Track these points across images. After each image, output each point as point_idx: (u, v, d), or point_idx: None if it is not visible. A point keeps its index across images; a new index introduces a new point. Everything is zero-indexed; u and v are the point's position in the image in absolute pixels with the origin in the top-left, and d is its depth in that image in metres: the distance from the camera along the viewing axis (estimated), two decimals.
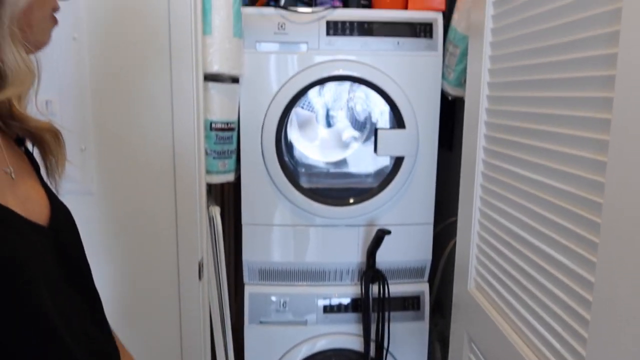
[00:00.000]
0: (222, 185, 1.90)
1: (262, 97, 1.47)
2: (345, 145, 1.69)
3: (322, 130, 1.68)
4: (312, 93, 1.60)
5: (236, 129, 1.48)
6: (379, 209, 1.55)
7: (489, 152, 1.13)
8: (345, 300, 1.60)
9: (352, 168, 1.69)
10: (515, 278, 0.98)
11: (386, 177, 1.55)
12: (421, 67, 1.49)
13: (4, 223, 0.51)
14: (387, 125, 1.59)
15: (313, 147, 1.67)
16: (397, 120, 1.51)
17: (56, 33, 0.65)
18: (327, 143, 1.68)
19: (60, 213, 0.64)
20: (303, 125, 1.67)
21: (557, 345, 0.82)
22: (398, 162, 1.53)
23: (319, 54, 1.46)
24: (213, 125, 1.41)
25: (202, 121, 1.35)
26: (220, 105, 1.42)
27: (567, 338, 0.79)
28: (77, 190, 1.33)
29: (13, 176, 0.59)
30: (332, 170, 1.69)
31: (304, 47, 1.46)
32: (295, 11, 1.45)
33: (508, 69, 1.04)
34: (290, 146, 1.65)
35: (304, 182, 1.58)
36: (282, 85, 1.46)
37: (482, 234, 1.16)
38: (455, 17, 1.42)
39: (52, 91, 1.28)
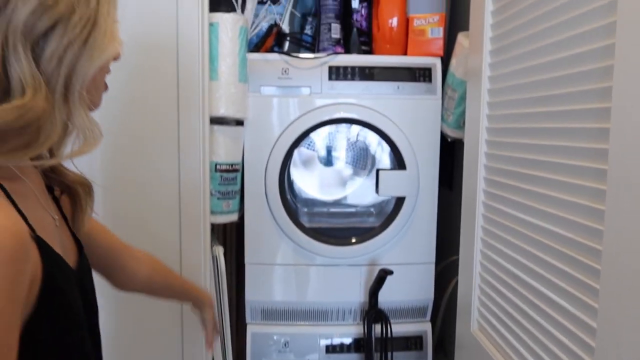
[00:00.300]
0: (225, 224, 1.92)
1: (265, 139, 1.50)
2: (346, 184, 1.72)
3: (323, 170, 1.71)
4: (315, 134, 1.64)
5: (240, 170, 1.51)
6: (380, 249, 1.56)
7: (489, 194, 1.15)
8: (348, 340, 1.60)
9: (354, 207, 1.71)
10: (517, 320, 0.99)
11: (388, 217, 1.57)
12: (421, 110, 1.53)
13: (56, 264, 0.59)
14: (388, 165, 1.63)
15: (315, 186, 1.70)
16: (398, 161, 1.54)
17: None
18: (328, 182, 1.71)
19: (84, 258, 0.71)
20: (305, 164, 1.70)
21: None
22: (399, 202, 1.55)
23: (321, 97, 1.50)
24: (218, 167, 1.43)
25: (208, 163, 1.38)
26: (225, 147, 1.45)
27: None
28: None
29: (57, 224, 0.66)
30: (334, 209, 1.71)
31: (306, 90, 1.51)
32: (298, 57, 1.50)
33: (506, 116, 1.07)
34: (292, 186, 1.67)
35: (306, 222, 1.60)
36: (286, 128, 1.50)
37: (483, 275, 1.17)
38: (453, 62, 1.47)
39: None
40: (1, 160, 0.54)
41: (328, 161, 1.73)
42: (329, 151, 1.72)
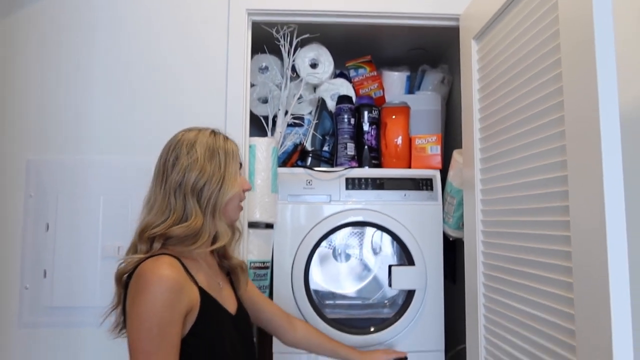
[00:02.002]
0: None
1: (292, 240, 1.72)
2: (362, 278, 1.91)
3: (342, 266, 1.90)
4: (335, 235, 1.86)
5: (270, 267, 1.71)
6: (395, 337, 1.71)
7: (488, 287, 1.34)
8: None
9: (369, 299, 1.88)
10: None
11: (400, 308, 1.74)
12: (425, 214, 1.76)
13: (212, 304, 1.02)
14: (397, 261, 1.83)
15: (333, 281, 1.88)
16: (407, 258, 1.74)
17: (131, 193, 1.35)
18: (347, 277, 1.90)
19: (242, 309, 1.14)
20: (324, 262, 1.90)
21: None
22: (410, 294, 1.73)
23: (340, 204, 1.74)
24: (252, 264, 1.64)
25: (247, 260, 1.59)
26: (257, 247, 1.66)
27: None
28: None
29: (221, 286, 1.11)
30: (352, 302, 1.88)
31: (327, 198, 1.75)
32: (320, 171, 1.77)
33: (497, 222, 1.30)
34: (311, 280, 1.85)
35: (328, 313, 1.76)
36: (310, 230, 1.72)
37: (488, 358, 1.33)
38: (451, 174, 1.73)
39: (124, 239, 1.52)
40: (185, 249, 1.02)
41: (344, 258, 1.93)
42: (345, 250, 1.93)
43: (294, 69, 1.88)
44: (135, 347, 0.91)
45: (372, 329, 1.71)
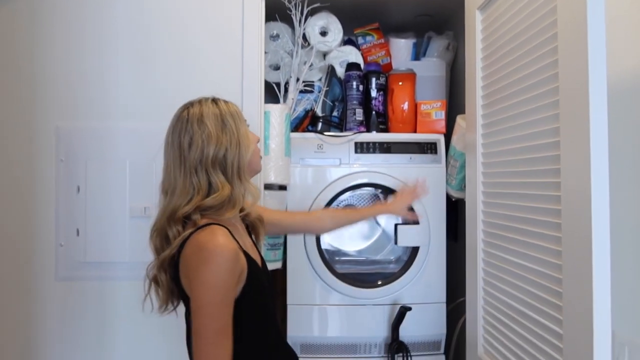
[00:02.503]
0: (272, 270, 2.22)
1: (304, 200, 1.83)
2: (370, 237, 2.03)
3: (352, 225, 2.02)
4: (344, 195, 1.97)
5: None
6: (400, 290, 1.85)
7: (487, 243, 1.45)
8: None
9: (376, 255, 2.01)
10: (515, 342, 1.26)
11: (405, 264, 1.87)
12: (429, 176, 1.85)
13: (254, 265, 1.10)
14: (402, 221, 1.94)
15: (345, 240, 2.01)
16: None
17: (154, 158, 1.30)
18: (355, 235, 2.02)
19: (264, 263, 1.23)
20: None
21: None
22: (414, 251, 1.85)
23: (349, 167, 1.84)
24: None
25: None
26: (272, 207, 1.77)
27: None
28: None
29: (251, 244, 1.20)
30: (361, 257, 2.01)
31: (337, 161, 1.85)
32: (330, 135, 1.86)
33: (497, 183, 1.39)
34: (325, 240, 1.98)
35: (339, 268, 1.89)
36: (321, 191, 1.83)
37: (486, 308, 1.45)
38: (454, 138, 1.82)
39: (150, 200, 1.64)
40: (226, 216, 1.08)
41: None
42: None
43: (304, 37, 1.94)
44: (202, 312, 1.00)
45: (379, 283, 1.85)
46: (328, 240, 1.99)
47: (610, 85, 0.91)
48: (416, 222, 1.74)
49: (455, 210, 2.04)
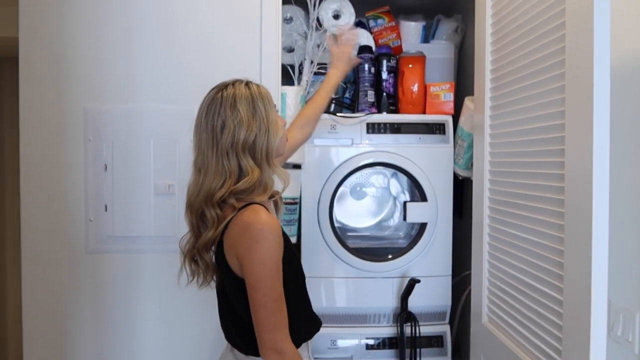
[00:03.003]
0: None
1: (319, 179, 1.91)
2: (380, 213, 2.12)
3: (363, 202, 2.11)
4: (357, 175, 2.05)
5: (299, 203, 1.91)
6: (409, 264, 1.94)
7: (493, 219, 1.53)
8: (384, 339, 1.96)
9: (386, 231, 2.10)
10: (518, 310, 1.35)
11: (414, 239, 1.96)
12: (437, 156, 1.94)
13: (288, 240, 1.21)
14: (411, 198, 2.02)
15: (357, 216, 2.10)
16: (421, 195, 1.94)
17: (177, 138, 1.49)
18: (366, 212, 2.11)
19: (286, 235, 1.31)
20: (348, 199, 2.11)
21: (544, 348, 1.19)
22: (422, 227, 1.94)
23: (361, 147, 1.91)
24: (283, 200, 1.84)
25: None
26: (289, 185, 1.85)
27: (551, 343, 1.16)
28: None
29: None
30: (371, 233, 2.10)
31: (349, 141, 1.92)
32: (343, 116, 1.93)
33: (503, 162, 1.47)
34: (337, 216, 2.06)
35: (350, 243, 1.99)
36: (334, 170, 1.91)
37: (491, 279, 1.54)
38: (462, 119, 1.89)
39: (173, 178, 1.73)
40: (258, 199, 1.17)
41: (364, 196, 2.13)
42: (365, 188, 2.13)
43: (317, 20, 1.99)
44: (261, 285, 1.10)
45: (389, 257, 1.94)
46: (341, 215, 2.07)
47: (611, 68, 0.98)
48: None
49: (461, 189, 2.12)
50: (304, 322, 1.29)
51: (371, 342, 1.96)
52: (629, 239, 1.27)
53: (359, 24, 2.17)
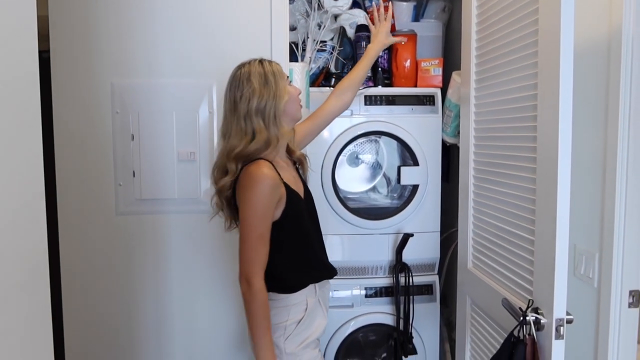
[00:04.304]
0: None
1: (321, 146, 2.10)
2: (377, 176, 2.33)
3: (362, 167, 2.32)
4: (356, 142, 2.24)
5: None
6: (402, 222, 2.16)
7: (477, 178, 1.74)
8: (380, 288, 2.19)
9: (382, 193, 2.32)
10: (499, 253, 1.58)
11: (407, 199, 2.18)
12: (428, 125, 2.14)
13: (293, 194, 1.42)
14: (403, 163, 2.23)
15: (356, 179, 2.30)
16: (413, 160, 2.15)
17: (197, 109, 1.76)
18: (365, 175, 2.32)
19: (308, 193, 1.55)
20: (348, 165, 2.31)
21: (520, 282, 1.42)
22: (414, 188, 2.16)
23: (360, 117, 2.11)
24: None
25: None
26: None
27: (525, 277, 1.39)
28: (208, 211, 1.93)
29: (295, 178, 1.50)
30: (369, 195, 2.31)
31: (349, 113, 2.11)
32: None
33: (487, 129, 1.67)
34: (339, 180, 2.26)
35: (351, 204, 2.20)
36: (336, 138, 2.10)
37: (475, 230, 1.77)
38: (450, 91, 2.08)
39: (195, 146, 1.90)
40: (270, 155, 1.39)
41: (363, 162, 2.33)
42: (363, 154, 2.33)
43: (318, 0, 2.15)
44: (245, 223, 1.35)
45: (385, 215, 2.16)
46: (342, 179, 2.27)
47: (577, 47, 1.19)
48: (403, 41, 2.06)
49: (447, 156, 2.34)
50: (309, 267, 1.52)
51: (370, 291, 2.19)
52: (592, 194, 1.49)
53: (355, 4, 2.33)
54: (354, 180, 2.32)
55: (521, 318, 1.27)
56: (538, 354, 1.24)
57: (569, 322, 1.23)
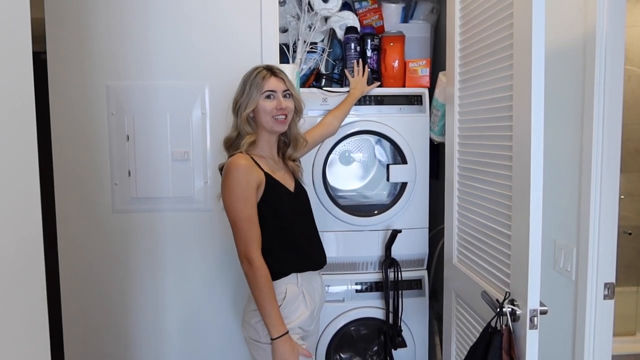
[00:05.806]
0: None
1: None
2: (367, 175, 2.38)
3: (351, 166, 2.36)
4: (345, 142, 2.29)
5: None
6: (392, 218, 2.21)
7: (461, 176, 1.79)
8: (371, 283, 2.24)
9: (372, 190, 2.37)
10: (481, 248, 1.63)
11: (396, 196, 2.22)
12: (415, 124, 2.19)
13: (274, 183, 1.56)
14: (392, 161, 2.28)
15: (346, 178, 2.35)
16: (401, 158, 2.20)
17: (190, 110, 1.84)
18: (355, 174, 2.37)
19: (299, 187, 1.69)
20: (338, 163, 2.36)
21: (499, 276, 1.47)
22: (403, 186, 2.21)
23: (350, 117, 2.15)
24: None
25: None
26: None
27: (503, 270, 1.44)
28: (201, 209, 1.99)
29: (283, 173, 1.66)
30: (359, 193, 2.36)
31: None
32: (333, 91, 2.16)
33: (470, 128, 1.72)
34: (330, 178, 2.31)
35: (342, 202, 2.25)
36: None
37: (460, 226, 1.81)
38: (437, 91, 2.13)
39: (188, 146, 1.96)
40: (252, 152, 1.58)
41: (352, 160, 2.38)
42: (353, 153, 2.38)
43: (309, 3, 2.19)
44: (230, 208, 1.49)
45: (375, 212, 2.21)
46: (332, 177, 2.32)
47: (549, 50, 1.23)
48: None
49: (436, 153, 2.38)
50: (291, 256, 1.60)
51: (360, 286, 2.24)
52: (570, 192, 1.54)
53: (345, 5, 2.38)
54: (345, 178, 2.36)
55: (498, 309, 1.32)
56: (514, 344, 1.29)
57: (543, 313, 1.28)
